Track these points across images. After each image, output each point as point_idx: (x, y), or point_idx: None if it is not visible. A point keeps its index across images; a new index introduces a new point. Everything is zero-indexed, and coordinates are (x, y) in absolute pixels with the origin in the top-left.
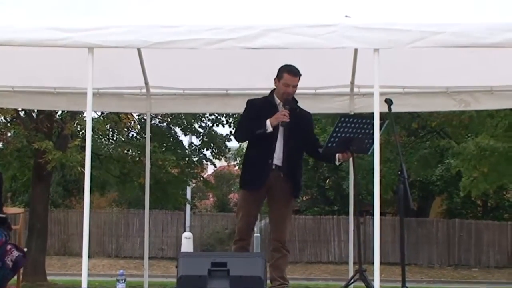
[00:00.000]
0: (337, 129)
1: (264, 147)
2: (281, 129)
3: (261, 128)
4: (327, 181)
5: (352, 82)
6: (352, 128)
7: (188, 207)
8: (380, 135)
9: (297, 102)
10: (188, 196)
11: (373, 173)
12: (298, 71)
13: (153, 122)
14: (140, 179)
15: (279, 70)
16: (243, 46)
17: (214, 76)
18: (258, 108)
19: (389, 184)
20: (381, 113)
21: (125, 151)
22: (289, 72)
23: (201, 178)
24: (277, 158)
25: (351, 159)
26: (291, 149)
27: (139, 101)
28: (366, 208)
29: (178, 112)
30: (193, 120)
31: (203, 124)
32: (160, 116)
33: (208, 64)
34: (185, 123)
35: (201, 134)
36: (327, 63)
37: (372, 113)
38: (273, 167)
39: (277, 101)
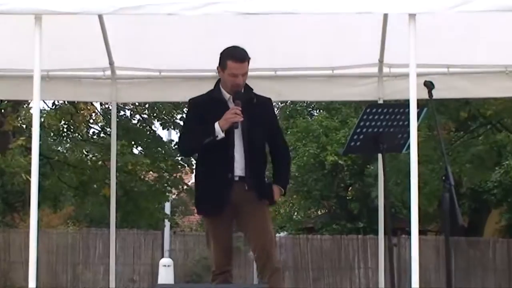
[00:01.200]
0: (362, 123)
1: (219, 158)
2: (237, 130)
3: (209, 135)
4: (349, 189)
5: (381, 60)
6: (381, 121)
7: (167, 225)
8: (419, 128)
9: (252, 89)
10: (167, 210)
11: (409, 178)
12: (245, 53)
13: (121, 113)
14: (104, 190)
15: (220, 56)
16: (240, 11)
17: (200, 53)
18: (203, 108)
19: (432, 193)
20: (419, 100)
21: (85, 153)
22: (233, 58)
23: (185, 187)
24: (239, 168)
25: (380, 160)
26: (255, 152)
27: (102, 86)
28: (401, 225)
29: (154, 101)
30: (174, 111)
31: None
32: (131, 105)
33: (192, 37)
34: (163, 115)
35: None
36: (348, 36)
37: (407, 100)
38: (235, 179)
39: (226, 95)
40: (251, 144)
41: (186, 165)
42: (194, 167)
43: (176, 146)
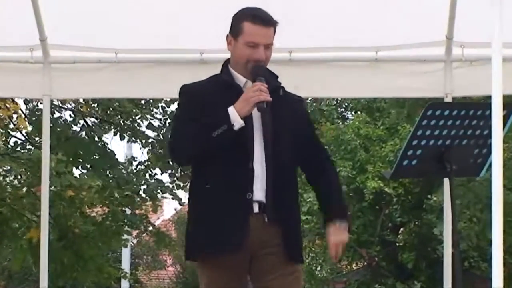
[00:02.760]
0: (419, 131)
1: (233, 170)
2: (257, 133)
3: (219, 126)
4: (400, 231)
5: (450, 37)
6: (449, 129)
7: (125, 285)
8: (505, 140)
9: (277, 77)
10: (126, 262)
11: (490, 211)
12: (270, 16)
13: (57, 115)
14: (30, 233)
15: (233, 19)
16: None
17: (174, 26)
18: (206, 97)
19: None
20: (506, 97)
21: (2, 174)
22: (253, 19)
23: (150, 228)
24: (259, 187)
25: (446, 188)
26: (281, 166)
27: (29, 74)
28: (479, 285)
29: (106, 98)
30: (134, 110)
31: (156, 122)
32: (71, 104)
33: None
34: (119, 119)
35: (151, 140)
36: (400, 3)
37: (489, 98)
38: (254, 206)
39: (239, 78)
40: (277, 156)
41: (148, 197)
42: (161, 201)
43: (169, 152)
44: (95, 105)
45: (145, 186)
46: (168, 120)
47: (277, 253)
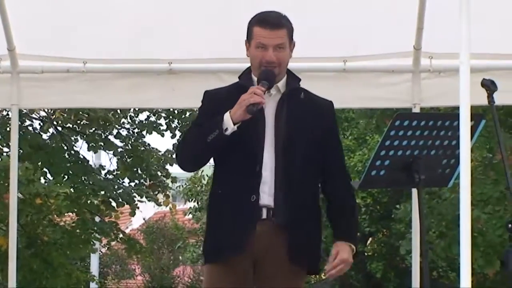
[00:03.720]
0: (388, 142)
1: (240, 174)
2: (269, 137)
3: (213, 130)
4: (369, 242)
5: (418, 47)
6: (417, 139)
7: None
8: (472, 150)
9: (299, 80)
10: (94, 272)
11: (458, 224)
12: (280, 18)
13: (27, 123)
14: None
15: (249, 24)
16: None
17: (143, 36)
18: (222, 100)
19: (492, 247)
20: (474, 108)
21: None
22: (261, 23)
23: (119, 236)
24: (267, 191)
25: (415, 198)
26: (291, 172)
27: None
28: None
29: (74, 108)
30: (103, 123)
31: (124, 131)
32: (39, 113)
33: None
34: (89, 131)
35: (120, 150)
36: (367, 11)
37: (456, 108)
38: (261, 211)
39: (255, 81)
40: (289, 160)
41: (125, 202)
42: (137, 205)
43: (175, 157)
44: (67, 111)
45: (120, 191)
46: (136, 130)
47: (281, 258)
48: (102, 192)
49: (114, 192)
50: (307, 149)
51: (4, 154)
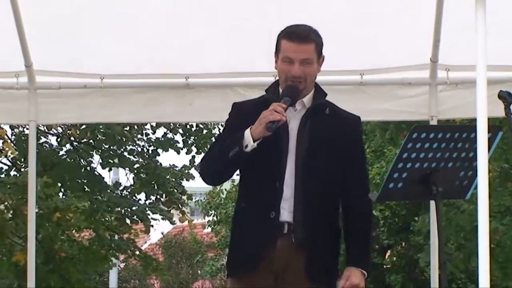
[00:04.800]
0: (405, 154)
1: (261, 190)
2: (292, 153)
3: (234, 146)
4: (388, 254)
5: (434, 59)
6: (434, 151)
7: None
8: (489, 162)
9: (326, 95)
10: (113, 285)
11: (476, 236)
12: (309, 32)
13: (42, 140)
14: (17, 255)
15: (278, 37)
16: None
17: (160, 51)
18: (249, 113)
19: (510, 261)
20: (491, 120)
21: None
22: (288, 37)
23: (137, 252)
24: (287, 208)
25: (433, 210)
26: (311, 188)
27: (14, 100)
28: None
29: (91, 123)
30: (119, 139)
31: (139, 148)
32: (57, 130)
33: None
34: (104, 146)
35: (136, 166)
36: (384, 25)
37: (474, 121)
38: (282, 226)
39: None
40: (308, 176)
41: (139, 220)
42: (152, 222)
43: (198, 171)
44: (83, 127)
45: (135, 208)
46: (152, 148)
47: (299, 275)
48: (117, 209)
49: (129, 209)
50: (327, 165)
51: (22, 169)
